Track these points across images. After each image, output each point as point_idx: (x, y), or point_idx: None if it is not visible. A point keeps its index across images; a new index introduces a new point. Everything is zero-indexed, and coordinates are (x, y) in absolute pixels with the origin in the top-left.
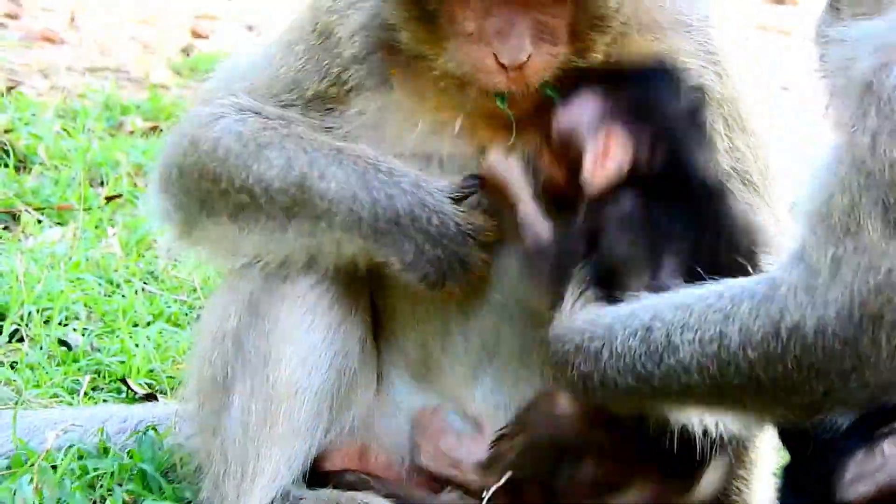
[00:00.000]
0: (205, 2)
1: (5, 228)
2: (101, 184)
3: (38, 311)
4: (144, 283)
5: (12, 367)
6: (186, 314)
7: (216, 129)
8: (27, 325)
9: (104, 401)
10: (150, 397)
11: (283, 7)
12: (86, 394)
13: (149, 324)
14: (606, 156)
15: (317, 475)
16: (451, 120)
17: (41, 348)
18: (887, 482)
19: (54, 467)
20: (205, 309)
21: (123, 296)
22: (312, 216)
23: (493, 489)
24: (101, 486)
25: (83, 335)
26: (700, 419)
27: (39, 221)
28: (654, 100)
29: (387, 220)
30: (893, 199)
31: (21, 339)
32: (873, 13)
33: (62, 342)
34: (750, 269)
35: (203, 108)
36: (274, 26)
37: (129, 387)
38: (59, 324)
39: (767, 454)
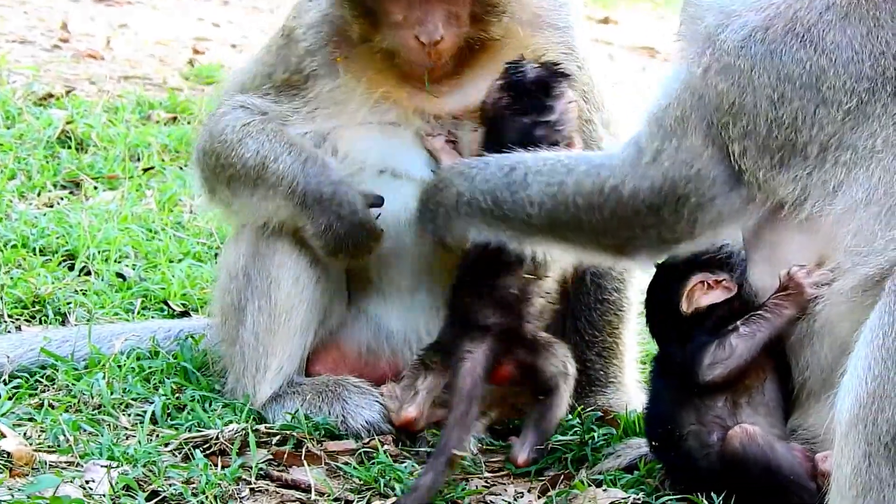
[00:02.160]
0: (201, 28)
1: (71, 193)
2: (138, 159)
3: (98, 253)
4: (174, 230)
5: (83, 294)
6: (207, 252)
7: (220, 124)
8: (92, 263)
9: (152, 317)
10: (185, 314)
11: (260, 31)
12: (138, 312)
13: (180, 260)
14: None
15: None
16: (384, 92)
17: (103, 280)
18: (734, 366)
19: (119, 367)
20: (221, 253)
21: (160, 240)
22: (267, 187)
23: None
24: (154, 379)
25: (133, 269)
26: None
27: (95, 188)
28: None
29: (312, 198)
30: (716, 119)
31: (88, 273)
32: None
33: (118, 275)
34: None
35: (217, 108)
36: (252, 46)
37: (169, 306)
38: (115, 261)
39: (633, 344)
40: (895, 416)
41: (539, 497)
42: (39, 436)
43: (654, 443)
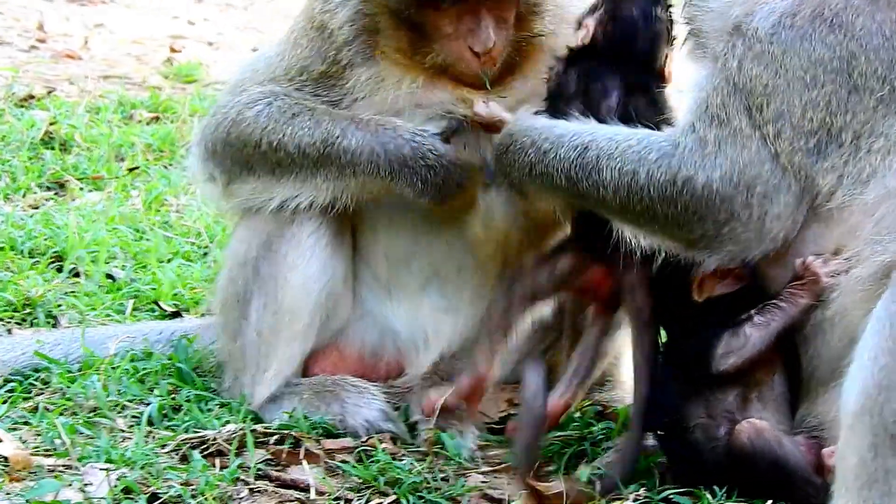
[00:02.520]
0: (176, 26)
1: (56, 195)
2: (122, 159)
3: (87, 254)
4: (162, 230)
5: (74, 296)
6: (196, 252)
7: (254, 109)
8: (81, 265)
9: (143, 318)
10: (177, 314)
11: (235, 27)
12: (130, 314)
13: (169, 260)
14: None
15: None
16: (425, 80)
17: (93, 281)
18: (748, 355)
19: (114, 369)
20: (229, 243)
21: (148, 240)
22: (338, 166)
23: None
24: (149, 381)
25: (123, 270)
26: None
27: (81, 189)
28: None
29: (398, 163)
30: (753, 104)
31: (77, 275)
32: None
33: (108, 276)
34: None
35: (237, 97)
36: (228, 43)
37: (160, 307)
38: (104, 262)
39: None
40: None
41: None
42: (35, 439)
43: (658, 432)
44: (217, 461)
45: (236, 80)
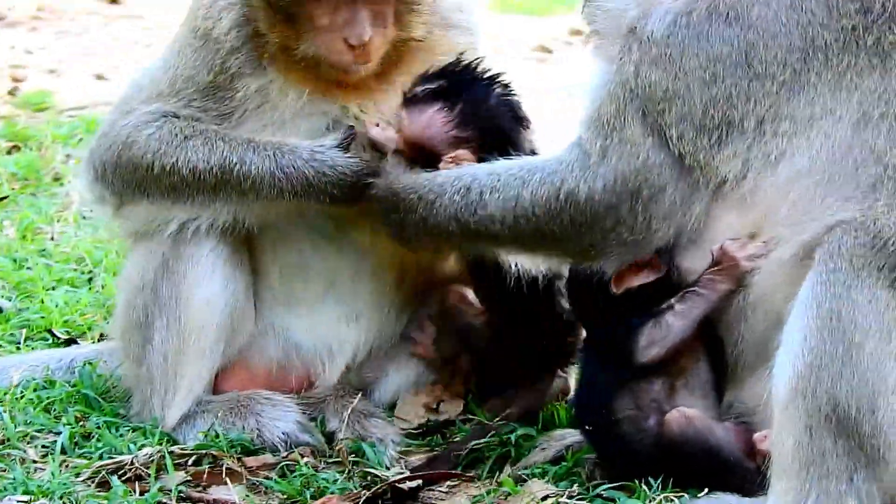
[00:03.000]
0: (14, 56)
1: None
2: None
3: None
4: (41, 258)
5: None
6: (80, 278)
7: (144, 132)
8: None
9: (37, 347)
10: (72, 341)
11: (71, 55)
12: (24, 343)
13: (54, 288)
14: (457, 164)
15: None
16: (312, 92)
17: None
18: (671, 344)
19: (18, 399)
20: (123, 268)
21: (29, 269)
22: (238, 191)
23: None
24: (55, 409)
25: (9, 300)
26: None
27: None
28: (485, 108)
29: (301, 184)
30: (649, 109)
31: None
32: None
33: None
34: None
35: (126, 118)
36: (72, 70)
37: (54, 335)
38: None
39: None
40: (834, 387)
41: (471, 499)
42: None
43: (587, 428)
44: (136, 486)
45: (123, 97)
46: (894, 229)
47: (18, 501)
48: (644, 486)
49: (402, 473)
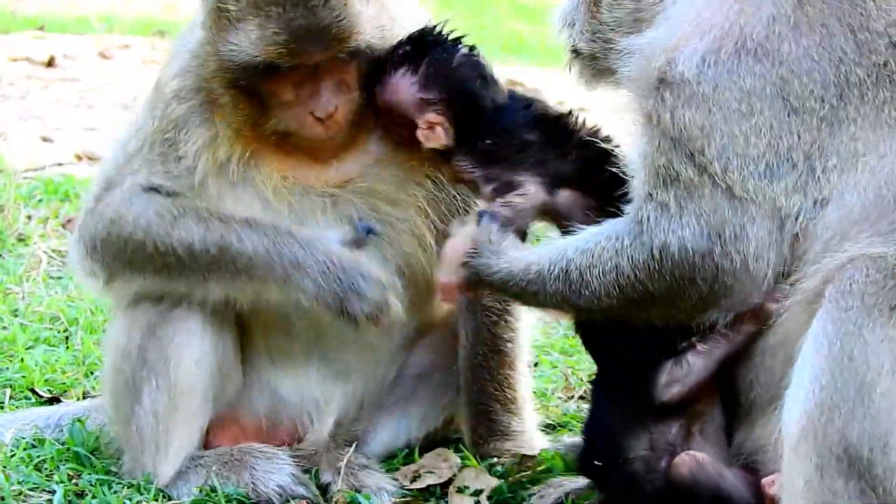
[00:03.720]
0: None
1: None
2: None
3: None
4: (14, 318)
5: None
6: (56, 336)
7: (132, 209)
8: None
9: (20, 407)
10: (54, 400)
11: (18, 118)
12: (9, 403)
13: (30, 348)
14: (433, 131)
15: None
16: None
17: None
18: (693, 383)
19: (11, 457)
20: (109, 332)
21: (4, 328)
22: (233, 270)
23: None
24: (46, 467)
25: None
26: None
27: None
28: (449, 68)
29: (293, 269)
30: (691, 148)
31: None
32: (642, 28)
33: None
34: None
35: (110, 193)
36: (15, 132)
37: (37, 394)
38: None
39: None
40: (846, 427)
41: None
42: None
43: (595, 464)
44: None
45: (105, 170)
46: None
47: None
48: None
49: None
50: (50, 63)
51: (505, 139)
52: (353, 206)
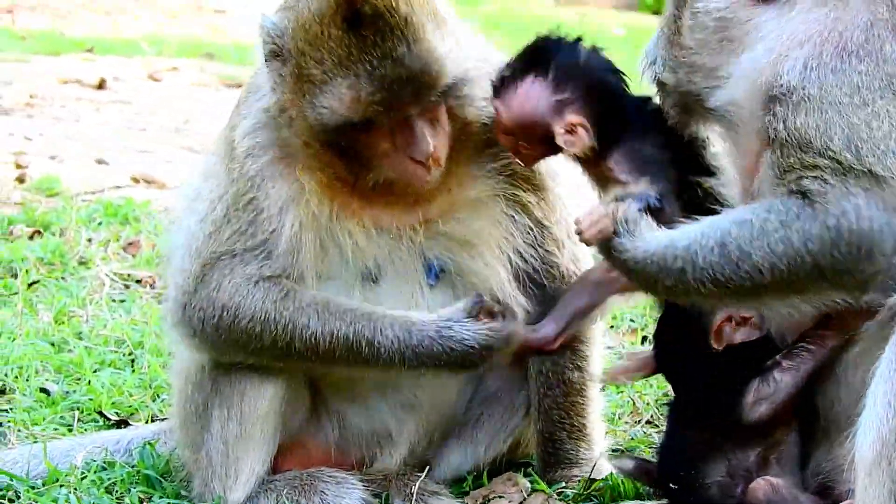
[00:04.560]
0: (14, 142)
1: None
2: (14, 275)
3: (12, 370)
4: (79, 341)
5: (11, 412)
6: (122, 360)
7: (248, 302)
8: (10, 381)
9: (88, 430)
10: (123, 423)
11: (68, 138)
12: (77, 426)
13: (97, 371)
14: (575, 133)
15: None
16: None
17: (27, 396)
18: (780, 400)
19: (81, 479)
20: (177, 359)
21: (71, 351)
22: (369, 360)
23: None
24: (117, 490)
25: (56, 384)
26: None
27: None
28: (579, 66)
29: (429, 359)
30: (817, 150)
31: (3, 392)
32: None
33: (42, 390)
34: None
35: (213, 276)
36: (71, 154)
37: (105, 416)
38: (33, 377)
39: (600, 419)
40: None
41: None
42: None
43: (671, 485)
44: None
45: (193, 244)
46: None
47: None
48: None
49: None
50: (100, 85)
51: (651, 135)
52: (434, 247)
